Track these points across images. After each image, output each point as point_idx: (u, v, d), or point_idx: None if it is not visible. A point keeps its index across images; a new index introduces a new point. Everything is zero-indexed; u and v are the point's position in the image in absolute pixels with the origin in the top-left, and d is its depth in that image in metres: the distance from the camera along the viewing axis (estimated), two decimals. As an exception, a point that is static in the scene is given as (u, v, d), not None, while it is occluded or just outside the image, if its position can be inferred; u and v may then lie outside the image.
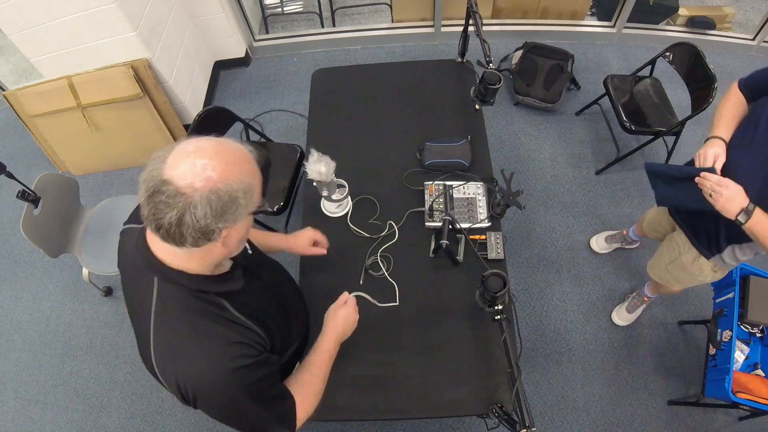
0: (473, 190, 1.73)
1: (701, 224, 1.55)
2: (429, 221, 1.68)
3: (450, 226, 1.51)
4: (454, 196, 1.72)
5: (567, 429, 2.03)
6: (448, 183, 1.75)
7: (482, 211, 1.68)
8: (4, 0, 2.14)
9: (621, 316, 2.25)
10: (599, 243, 2.44)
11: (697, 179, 1.30)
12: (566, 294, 2.32)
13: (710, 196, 1.27)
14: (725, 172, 1.30)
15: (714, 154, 1.32)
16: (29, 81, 2.95)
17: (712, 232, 1.51)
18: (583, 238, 2.47)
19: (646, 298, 2.16)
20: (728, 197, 1.24)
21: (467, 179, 1.76)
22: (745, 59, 3.11)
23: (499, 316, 1.31)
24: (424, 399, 1.41)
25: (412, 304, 1.57)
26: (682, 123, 2.31)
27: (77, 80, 2.45)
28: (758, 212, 1.22)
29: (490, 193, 1.72)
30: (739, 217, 1.23)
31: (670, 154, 2.58)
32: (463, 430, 2.04)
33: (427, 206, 1.70)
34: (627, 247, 2.41)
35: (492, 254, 1.61)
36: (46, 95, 2.49)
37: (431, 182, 1.75)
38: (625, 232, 2.35)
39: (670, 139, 2.51)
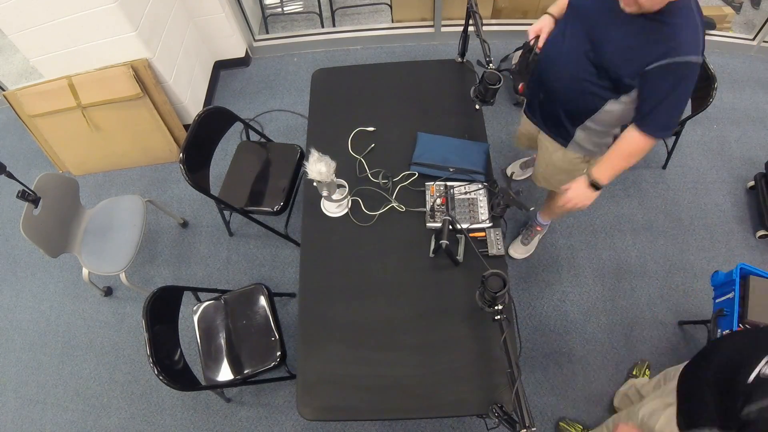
0: (474, 191, 1.73)
1: (547, 114, 1.70)
2: (430, 222, 1.68)
3: (450, 226, 1.51)
4: (455, 196, 1.72)
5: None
6: (449, 183, 1.75)
7: (483, 212, 1.68)
8: (4, 0, 2.14)
9: (517, 250, 2.37)
10: (516, 169, 2.57)
11: None
12: (566, 294, 2.32)
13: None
14: (547, 58, 1.54)
15: (536, 28, 1.58)
16: (29, 81, 2.95)
17: (556, 118, 1.65)
18: (583, 238, 2.47)
19: (539, 228, 2.31)
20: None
21: (468, 180, 1.76)
22: (745, 59, 3.11)
23: (499, 316, 1.31)
24: (424, 399, 1.41)
25: (412, 304, 1.57)
26: (682, 123, 2.31)
27: (77, 80, 2.45)
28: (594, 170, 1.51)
29: (490, 194, 1.72)
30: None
31: (670, 154, 2.58)
32: (463, 430, 2.04)
33: (428, 207, 1.70)
34: None
35: (493, 250, 1.61)
36: (46, 95, 2.49)
37: (432, 183, 1.75)
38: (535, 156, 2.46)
39: (670, 139, 2.51)
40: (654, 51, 1.25)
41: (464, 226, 1.61)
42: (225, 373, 1.82)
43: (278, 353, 1.81)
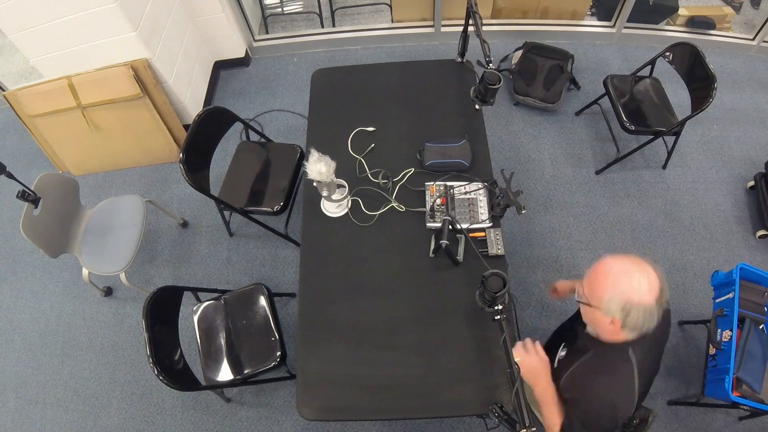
0: (474, 191, 1.73)
1: None
2: (430, 222, 1.68)
3: (450, 226, 1.51)
4: (455, 196, 1.72)
5: (567, 429, 2.03)
6: (449, 183, 1.75)
7: (483, 212, 1.68)
8: (4, 0, 2.14)
9: None
10: None
11: None
12: (566, 294, 2.32)
13: None
14: None
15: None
16: (29, 81, 2.95)
17: None
18: (583, 238, 2.47)
19: None
20: None
21: (467, 180, 1.76)
22: (744, 59, 3.11)
23: (499, 316, 1.31)
24: (424, 399, 1.41)
25: (412, 304, 1.57)
26: (682, 123, 2.31)
27: (77, 80, 2.44)
28: None
29: (490, 194, 1.72)
30: None
31: (670, 154, 2.58)
32: (463, 430, 2.04)
33: (428, 207, 1.70)
34: None
35: (492, 250, 1.61)
36: (46, 95, 2.48)
37: (432, 183, 1.75)
38: None
39: (670, 139, 2.51)
40: None
41: (464, 226, 1.61)
42: (225, 373, 1.82)
43: (278, 353, 1.81)
